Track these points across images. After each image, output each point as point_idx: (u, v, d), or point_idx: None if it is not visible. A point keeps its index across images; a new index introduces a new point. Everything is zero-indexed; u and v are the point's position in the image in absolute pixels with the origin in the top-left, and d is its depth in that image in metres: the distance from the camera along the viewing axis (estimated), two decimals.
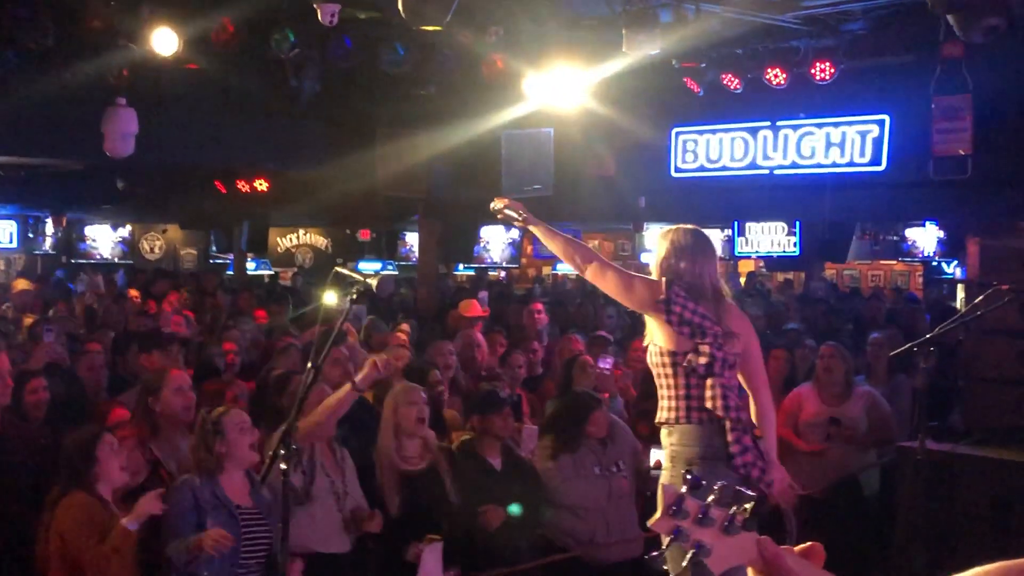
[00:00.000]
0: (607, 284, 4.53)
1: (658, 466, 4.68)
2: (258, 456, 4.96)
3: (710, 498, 1.83)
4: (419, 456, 5.74)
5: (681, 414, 4.43)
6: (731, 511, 1.83)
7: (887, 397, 7.95)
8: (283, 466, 3.80)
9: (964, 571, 1.52)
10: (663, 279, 4.47)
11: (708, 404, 4.35)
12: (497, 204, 4.72)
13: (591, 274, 4.55)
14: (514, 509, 5.55)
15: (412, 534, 5.42)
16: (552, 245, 4.65)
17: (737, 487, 1.86)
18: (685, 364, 4.38)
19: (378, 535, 5.52)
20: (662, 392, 4.51)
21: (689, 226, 4.63)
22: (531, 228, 4.64)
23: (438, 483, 5.66)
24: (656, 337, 4.50)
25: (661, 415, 4.52)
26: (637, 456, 6.41)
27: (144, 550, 4.87)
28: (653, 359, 4.54)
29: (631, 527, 6.23)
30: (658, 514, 1.84)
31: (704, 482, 1.85)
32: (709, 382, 4.35)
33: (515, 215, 4.64)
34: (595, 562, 6.17)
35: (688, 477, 1.85)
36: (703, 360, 4.34)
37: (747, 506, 1.84)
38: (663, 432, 4.54)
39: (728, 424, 4.33)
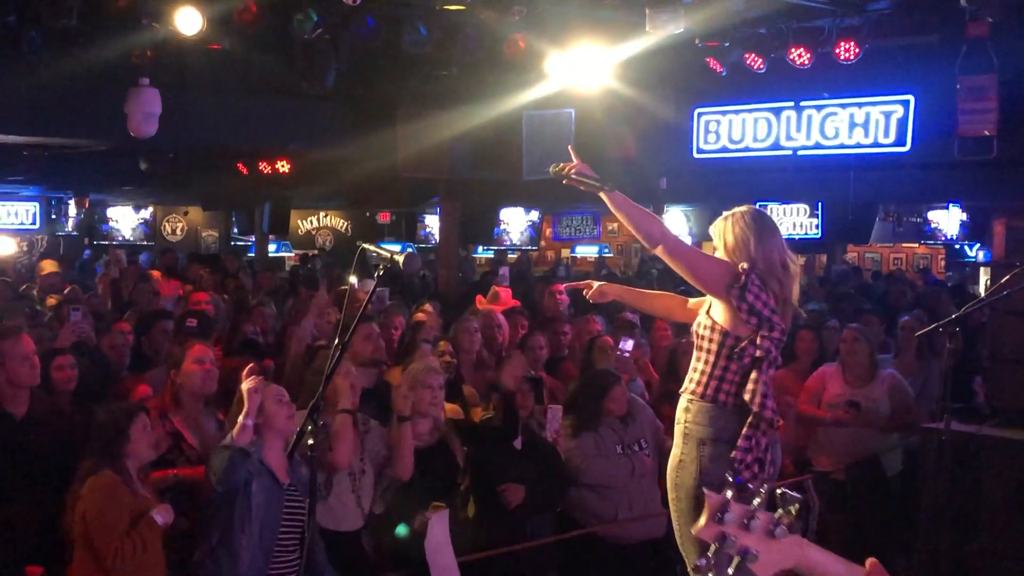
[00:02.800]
0: (680, 263, 4.30)
1: None
2: (295, 425, 4.99)
3: (755, 501, 1.78)
4: (429, 433, 5.76)
5: (709, 391, 4.31)
6: (776, 515, 1.79)
7: (921, 381, 7.94)
8: (311, 441, 3.82)
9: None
10: (741, 264, 4.29)
11: (747, 396, 4.23)
12: (560, 168, 4.36)
13: (663, 252, 4.30)
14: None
15: (423, 506, 5.45)
16: (624, 214, 4.34)
17: (783, 490, 1.83)
18: (738, 350, 4.27)
19: (388, 507, 5.56)
20: (696, 364, 4.40)
21: (753, 207, 4.49)
22: (604, 195, 4.31)
23: (449, 456, 5.68)
24: (716, 312, 4.37)
25: (688, 384, 4.42)
26: (659, 434, 6.41)
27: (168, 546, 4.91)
28: (702, 331, 4.40)
29: (653, 506, 6.24)
30: (703, 521, 1.79)
31: (751, 486, 1.81)
32: (753, 375, 4.25)
33: (587, 180, 4.31)
34: (616, 540, 6.19)
35: (732, 481, 1.81)
36: (759, 354, 4.22)
37: (792, 508, 1.80)
38: (682, 402, 4.42)
39: (751, 419, 4.24)
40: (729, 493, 1.78)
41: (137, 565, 4.65)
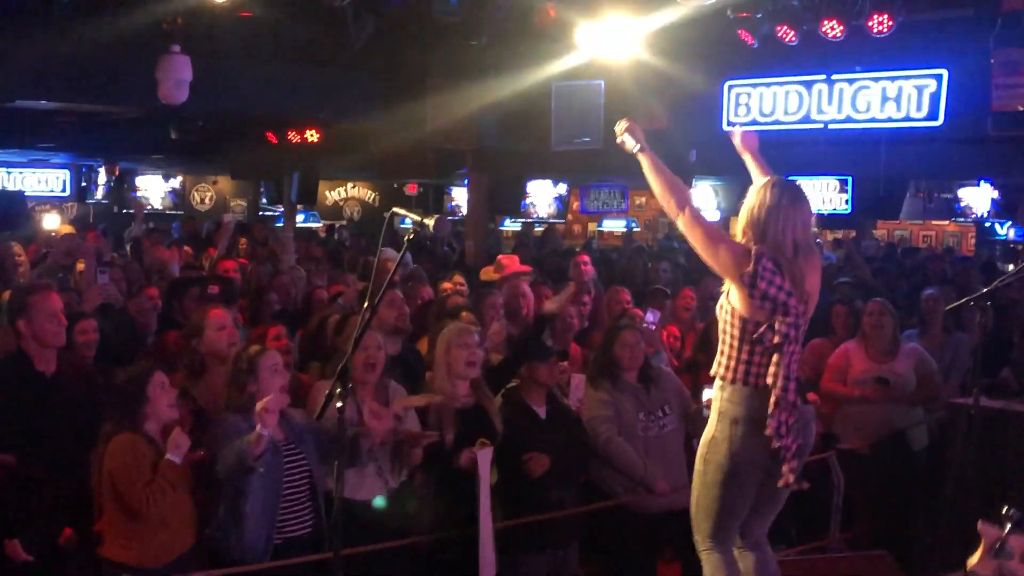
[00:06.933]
0: (695, 238, 4.43)
1: (708, 405, 4.68)
2: (288, 398, 5.05)
3: None
4: (468, 395, 5.79)
5: (738, 376, 4.43)
6: None
7: (945, 353, 7.89)
8: (339, 404, 3.85)
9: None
10: (753, 250, 4.33)
11: (769, 380, 4.31)
12: (621, 124, 4.62)
13: (682, 223, 4.45)
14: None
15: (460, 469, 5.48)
16: (653, 179, 4.54)
17: None
18: (756, 336, 4.33)
19: (429, 470, 5.59)
20: (723, 348, 4.49)
21: (782, 178, 4.51)
22: (640, 156, 4.55)
23: (486, 419, 5.71)
24: (733, 298, 4.43)
25: (718, 369, 4.51)
26: (684, 400, 6.39)
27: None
28: (724, 315, 4.49)
29: (679, 473, 6.22)
30: (978, 555, 1.71)
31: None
32: (775, 358, 4.30)
33: (632, 142, 4.57)
34: (642, 510, 6.19)
35: (1011, 513, 1.74)
36: (777, 340, 4.28)
37: None
38: (716, 383, 4.54)
39: (774, 398, 4.29)
40: (1008, 525, 1.69)
41: (167, 512, 4.76)
